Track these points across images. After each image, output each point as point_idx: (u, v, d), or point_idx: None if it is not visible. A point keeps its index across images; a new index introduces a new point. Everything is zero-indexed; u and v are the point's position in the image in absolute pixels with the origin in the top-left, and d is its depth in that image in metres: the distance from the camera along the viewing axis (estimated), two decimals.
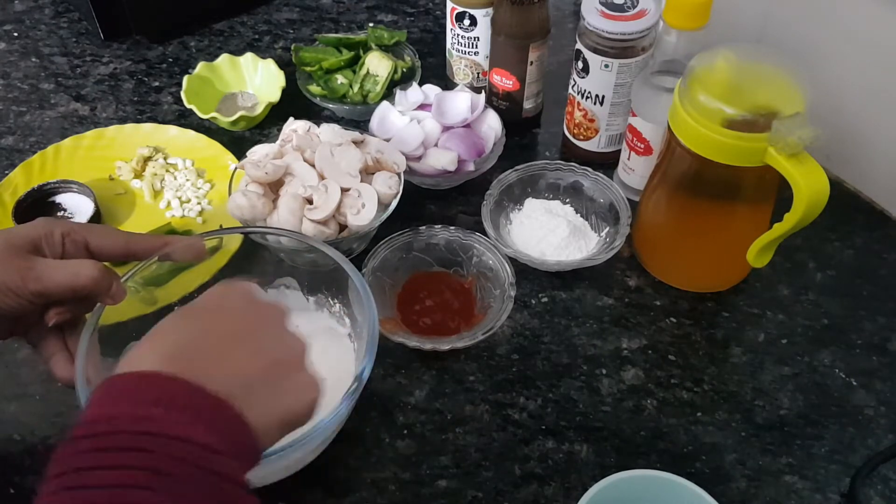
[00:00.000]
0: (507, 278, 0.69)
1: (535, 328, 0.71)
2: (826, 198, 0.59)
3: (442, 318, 0.70)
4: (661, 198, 0.71)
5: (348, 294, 0.62)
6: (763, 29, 0.83)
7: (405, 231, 0.73)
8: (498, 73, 0.83)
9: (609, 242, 0.74)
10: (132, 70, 0.96)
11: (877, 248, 0.77)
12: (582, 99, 0.80)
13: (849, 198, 0.81)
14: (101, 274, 0.53)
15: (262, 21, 1.03)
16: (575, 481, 0.61)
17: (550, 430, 0.64)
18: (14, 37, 1.01)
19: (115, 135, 0.86)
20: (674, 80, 0.70)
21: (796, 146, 0.58)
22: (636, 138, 0.75)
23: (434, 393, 0.66)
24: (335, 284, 0.64)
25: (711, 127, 0.61)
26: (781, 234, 0.63)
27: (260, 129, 0.89)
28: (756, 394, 0.66)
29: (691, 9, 0.66)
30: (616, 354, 0.69)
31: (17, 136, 0.88)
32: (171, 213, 0.80)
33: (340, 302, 0.65)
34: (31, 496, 0.32)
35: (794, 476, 0.62)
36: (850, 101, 0.77)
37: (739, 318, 0.72)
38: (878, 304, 0.72)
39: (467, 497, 0.60)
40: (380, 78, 0.87)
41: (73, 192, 0.79)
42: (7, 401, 0.66)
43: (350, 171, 0.72)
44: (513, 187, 0.78)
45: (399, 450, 0.63)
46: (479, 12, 0.82)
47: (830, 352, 0.69)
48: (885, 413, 0.65)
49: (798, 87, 0.61)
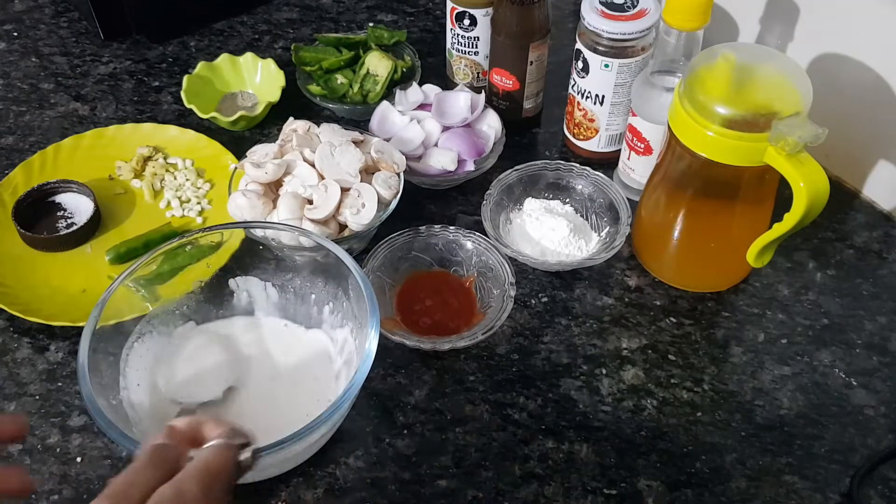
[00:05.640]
0: (507, 278, 0.69)
1: (535, 328, 0.71)
2: (826, 198, 0.59)
3: (442, 318, 0.70)
4: (661, 198, 0.71)
5: (349, 291, 0.62)
6: (763, 29, 0.83)
7: (405, 231, 0.73)
8: (498, 72, 0.83)
9: (609, 242, 0.74)
10: (132, 70, 0.96)
11: (877, 248, 0.77)
12: (582, 99, 0.80)
13: (849, 198, 0.81)
14: None
15: (262, 21, 1.03)
16: (575, 481, 0.61)
17: (550, 430, 0.64)
18: (14, 36, 1.01)
19: (114, 134, 0.86)
20: (674, 80, 0.71)
21: (796, 146, 0.58)
22: (636, 138, 0.75)
23: (434, 393, 0.66)
24: (334, 281, 0.64)
25: (711, 127, 0.61)
26: (781, 234, 0.63)
27: (260, 129, 0.89)
28: (756, 394, 0.66)
29: (691, 9, 0.66)
30: (616, 354, 0.69)
31: (16, 135, 0.88)
32: (171, 212, 0.80)
33: (338, 299, 0.65)
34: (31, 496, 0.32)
35: (794, 476, 0.62)
36: (851, 101, 0.77)
37: (739, 318, 0.72)
38: (878, 304, 0.72)
39: (467, 497, 0.60)
40: (380, 78, 0.87)
41: (73, 191, 0.79)
42: (7, 401, 0.66)
43: (350, 170, 0.72)
44: (513, 187, 0.78)
45: (399, 450, 0.63)
46: (479, 12, 0.82)
47: (830, 352, 0.69)
48: (885, 413, 0.65)
49: (798, 87, 0.61)
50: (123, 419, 0.56)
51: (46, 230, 0.76)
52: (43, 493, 0.61)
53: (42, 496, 0.60)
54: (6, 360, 0.68)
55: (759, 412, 0.65)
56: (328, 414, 0.52)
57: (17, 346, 0.70)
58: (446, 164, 0.78)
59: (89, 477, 0.62)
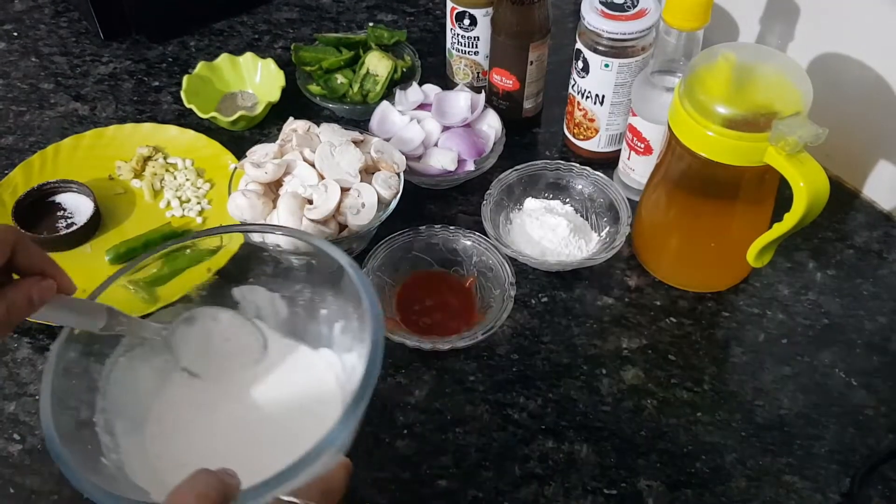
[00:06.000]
0: (507, 278, 0.69)
1: (535, 328, 0.71)
2: (826, 198, 0.59)
3: (442, 318, 0.70)
4: (661, 198, 0.71)
5: (345, 293, 0.54)
6: (763, 29, 0.83)
7: (405, 231, 0.73)
8: (498, 72, 0.83)
9: (609, 242, 0.74)
10: (132, 70, 0.96)
11: (877, 248, 0.77)
12: (582, 99, 0.80)
13: (849, 198, 0.81)
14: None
15: (262, 21, 1.03)
16: (575, 481, 0.61)
17: (550, 430, 0.64)
18: (14, 36, 1.01)
19: (114, 134, 0.86)
20: (674, 80, 0.71)
21: (796, 146, 0.58)
22: (636, 138, 0.75)
23: (434, 393, 0.66)
24: (334, 285, 0.55)
25: (711, 127, 0.61)
26: (781, 234, 0.63)
27: (260, 129, 0.89)
28: (756, 394, 0.66)
29: (691, 9, 0.66)
30: (616, 354, 0.69)
31: (16, 135, 0.88)
32: (170, 212, 0.80)
33: (337, 304, 0.55)
34: (31, 496, 0.32)
35: (794, 476, 0.62)
36: (851, 102, 0.77)
37: (739, 318, 0.72)
38: (878, 304, 0.72)
39: (467, 497, 0.60)
40: (380, 77, 0.87)
41: (73, 191, 0.79)
42: (7, 401, 0.66)
43: (350, 170, 0.72)
44: (513, 187, 0.78)
45: (399, 450, 0.63)
46: (479, 12, 0.82)
47: (830, 352, 0.69)
48: (885, 413, 0.65)
49: (798, 87, 0.61)
50: (93, 445, 0.47)
51: (46, 230, 0.76)
52: (43, 492, 0.61)
53: (42, 496, 0.60)
54: (6, 360, 0.69)
55: (759, 412, 0.65)
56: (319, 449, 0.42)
57: (16, 346, 0.70)
58: (446, 164, 0.78)
59: None
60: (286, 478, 0.40)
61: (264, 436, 0.52)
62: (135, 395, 0.53)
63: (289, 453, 0.41)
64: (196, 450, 0.47)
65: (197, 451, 0.47)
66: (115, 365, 0.52)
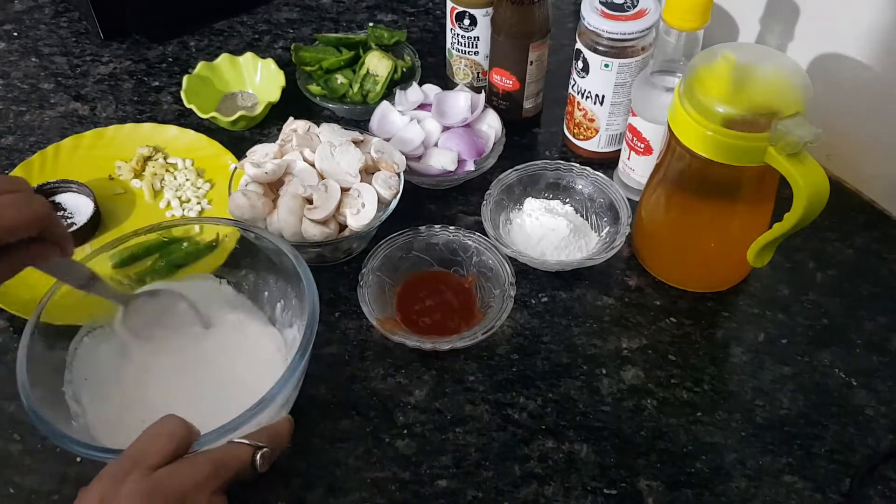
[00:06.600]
0: (507, 278, 0.69)
1: (535, 328, 0.71)
2: (826, 198, 0.59)
3: (442, 318, 0.70)
4: (661, 198, 0.71)
5: (284, 275, 0.63)
6: (763, 29, 0.83)
7: (405, 231, 0.73)
8: (498, 72, 0.83)
9: (609, 242, 0.74)
10: (132, 70, 0.96)
11: (877, 248, 0.77)
12: (582, 99, 0.80)
13: (849, 198, 0.81)
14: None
15: (262, 21, 1.03)
16: (575, 481, 0.61)
17: (550, 430, 0.64)
18: (14, 36, 1.01)
19: (114, 134, 0.86)
20: (674, 80, 0.71)
21: (796, 146, 0.58)
22: (636, 138, 0.75)
23: (434, 393, 0.66)
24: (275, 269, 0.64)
25: (711, 127, 0.61)
26: (781, 234, 0.63)
27: (260, 129, 0.89)
28: (756, 394, 0.66)
29: (691, 9, 0.66)
30: (616, 354, 0.69)
31: (16, 135, 0.88)
32: (170, 212, 0.80)
33: (278, 286, 0.65)
34: (31, 496, 0.32)
35: (794, 476, 0.62)
36: (851, 102, 0.77)
37: (739, 318, 0.72)
38: (878, 304, 0.72)
39: (467, 497, 0.60)
40: (380, 78, 0.87)
41: (73, 191, 0.79)
42: (7, 401, 0.66)
43: (350, 170, 0.72)
44: (513, 187, 0.78)
45: (399, 450, 0.63)
46: (479, 12, 0.82)
47: (830, 352, 0.69)
48: (885, 413, 0.65)
49: (798, 86, 0.61)
50: (64, 411, 0.57)
51: None
52: (43, 492, 0.61)
53: (42, 496, 0.60)
54: (6, 360, 0.68)
55: (759, 412, 0.65)
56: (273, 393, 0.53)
57: (17, 346, 0.69)
58: (446, 164, 0.78)
59: (90, 477, 0.61)
60: (239, 422, 0.51)
61: (217, 398, 0.60)
62: (97, 369, 0.61)
63: (239, 411, 0.51)
64: (156, 416, 0.51)
65: (157, 416, 0.51)
66: (80, 344, 0.61)
